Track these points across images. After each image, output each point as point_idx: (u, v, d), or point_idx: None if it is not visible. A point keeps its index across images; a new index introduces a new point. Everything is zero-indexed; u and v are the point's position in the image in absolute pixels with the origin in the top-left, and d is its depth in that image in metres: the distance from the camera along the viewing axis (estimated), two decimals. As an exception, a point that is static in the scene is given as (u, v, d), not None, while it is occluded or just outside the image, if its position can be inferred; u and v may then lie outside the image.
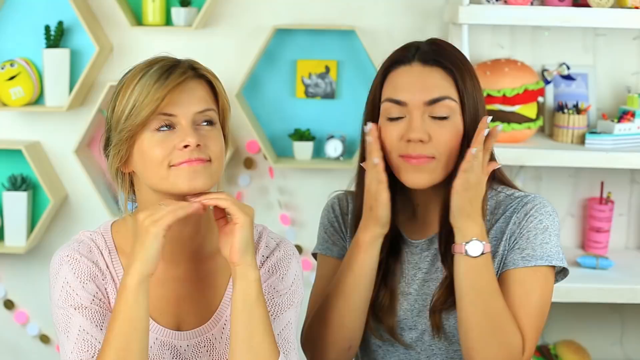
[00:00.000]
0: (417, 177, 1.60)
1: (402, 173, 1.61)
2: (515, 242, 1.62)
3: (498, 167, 1.62)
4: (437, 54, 1.63)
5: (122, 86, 1.46)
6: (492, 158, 1.67)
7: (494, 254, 1.64)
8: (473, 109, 1.61)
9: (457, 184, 1.56)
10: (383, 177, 1.61)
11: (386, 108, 1.62)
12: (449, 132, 1.59)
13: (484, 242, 1.57)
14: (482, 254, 1.56)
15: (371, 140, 1.61)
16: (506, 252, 1.63)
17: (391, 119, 1.61)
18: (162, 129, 1.43)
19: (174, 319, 1.52)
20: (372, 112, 1.66)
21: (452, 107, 1.59)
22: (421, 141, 1.57)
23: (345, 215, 1.78)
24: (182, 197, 1.43)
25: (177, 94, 1.42)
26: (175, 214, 1.38)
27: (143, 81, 1.42)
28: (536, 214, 1.62)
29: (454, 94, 1.60)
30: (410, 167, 1.59)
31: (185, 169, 1.41)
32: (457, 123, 1.60)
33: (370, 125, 1.62)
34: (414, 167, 1.59)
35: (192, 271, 1.52)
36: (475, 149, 1.55)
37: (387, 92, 1.63)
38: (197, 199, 1.43)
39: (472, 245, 1.56)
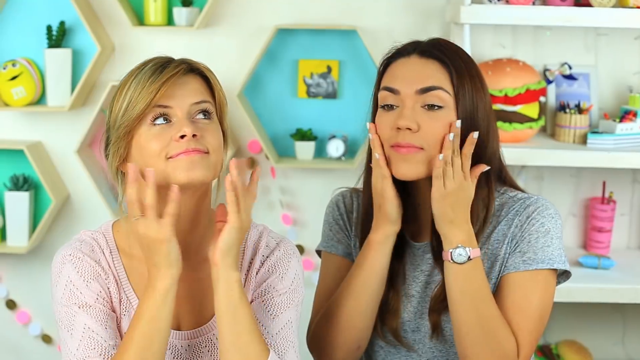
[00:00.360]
0: (404, 167, 1.59)
1: (392, 163, 1.61)
2: (517, 245, 1.62)
3: (486, 169, 1.61)
4: (437, 48, 1.63)
5: (118, 88, 1.47)
6: (499, 159, 1.67)
7: (495, 256, 1.63)
8: (469, 108, 1.60)
9: (433, 190, 1.57)
10: (387, 172, 1.61)
11: (382, 97, 1.63)
12: (440, 124, 1.58)
13: (469, 248, 1.56)
14: (469, 259, 1.56)
15: (371, 137, 1.62)
16: (508, 255, 1.63)
17: (384, 108, 1.62)
18: (158, 121, 1.43)
19: (173, 318, 1.51)
20: (374, 105, 1.67)
21: (444, 98, 1.59)
22: (410, 129, 1.57)
23: (350, 213, 1.78)
24: (182, 189, 1.43)
25: (171, 87, 1.43)
26: (172, 208, 1.37)
27: (138, 78, 1.44)
28: (538, 216, 1.62)
29: (447, 86, 1.59)
30: (399, 157, 1.59)
31: (183, 159, 1.41)
32: (449, 117, 1.59)
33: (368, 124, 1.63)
34: (402, 156, 1.58)
35: (192, 271, 1.52)
36: (441, 155, 1.55)
37: (384, 82, 1.64)
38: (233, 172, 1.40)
39: (457, 252, 1.56)
